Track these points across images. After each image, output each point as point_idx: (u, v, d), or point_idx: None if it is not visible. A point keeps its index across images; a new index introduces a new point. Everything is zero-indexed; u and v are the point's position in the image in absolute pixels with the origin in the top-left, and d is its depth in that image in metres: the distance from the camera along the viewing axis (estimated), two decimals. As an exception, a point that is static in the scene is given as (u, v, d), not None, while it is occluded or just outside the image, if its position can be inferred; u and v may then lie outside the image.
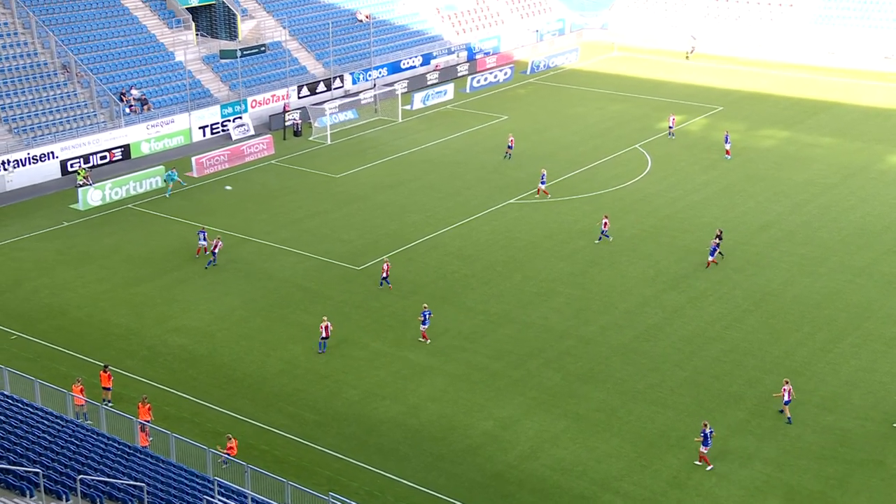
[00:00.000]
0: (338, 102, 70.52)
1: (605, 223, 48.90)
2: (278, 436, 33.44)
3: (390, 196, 56.44)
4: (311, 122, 69.09)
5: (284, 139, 67.24)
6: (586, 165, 61.21)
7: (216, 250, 46.51)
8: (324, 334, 38.71)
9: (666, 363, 37.87)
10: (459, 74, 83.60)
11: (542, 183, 55.19)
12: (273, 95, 71.87)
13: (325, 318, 39.26)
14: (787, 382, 34.04)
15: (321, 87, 75.06)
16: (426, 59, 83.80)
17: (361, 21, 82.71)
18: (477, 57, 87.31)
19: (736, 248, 48.36)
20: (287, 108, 70.18)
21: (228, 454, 29.95)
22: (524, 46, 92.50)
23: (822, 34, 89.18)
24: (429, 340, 39.35)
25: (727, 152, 61.78)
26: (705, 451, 31.54)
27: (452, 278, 45.42)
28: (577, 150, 64.46)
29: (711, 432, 31.60)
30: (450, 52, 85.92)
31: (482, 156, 63.21)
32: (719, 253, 46.22)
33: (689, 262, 46.49)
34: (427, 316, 39.44)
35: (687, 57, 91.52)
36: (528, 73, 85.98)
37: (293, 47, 77.27)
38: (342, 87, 76.56)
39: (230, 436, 31.23)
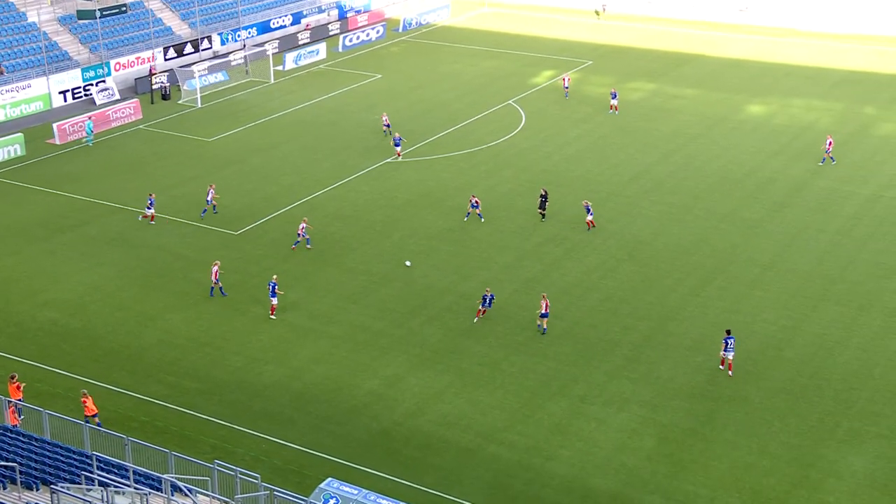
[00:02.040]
0: (207, 64, 68.60)
1: (476, 201, 47.23)
2: (159, 406, 32.80)
3: (265, 159, 55.51)
4: (179, 85, 67.05)
5: (152, 103, 65.07)
6: (461, 122, 61.57)
7: (303, 233, 43.70)
8: (213, 278, 39.34)
9: (545, 314, 38.81)
10: (331, 33, 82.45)
11: (397, 146, 54.47)
12: (138, 58, 69.30)
13: (217, 262, 39.84)
14: (544, 297, 37.43)
15: (188, 48, 72.79)
16: (296, 18, 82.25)
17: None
18: (348, 15, 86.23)
19: (609, 199, 49.72)
20: (153, 71, 67.81)
21: (88, 416, 29.27)
22: (395, 4, 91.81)
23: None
24: (274, 316, 38.20)
25: (614, 108, 62.93)
26: (482, 310, 37.76)
27: (332, 240, 45.19)
28: (452, 107, 64.72)
29: (493, 297, 37.85)
30: (320, 11, 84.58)
31: (357, 115, 62.75)
32: (542, 212, 46.61)
33: (566, 214, 47.53)
34: (273, 288, 38.05)
35: (597, 14, 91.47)
36: (400, 30, 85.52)
37: (156, 7, 74.51)
38: (210, 48, 74.45)
39: (85, 391, 30.52)
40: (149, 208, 46.27)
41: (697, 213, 48.18)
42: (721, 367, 34.88)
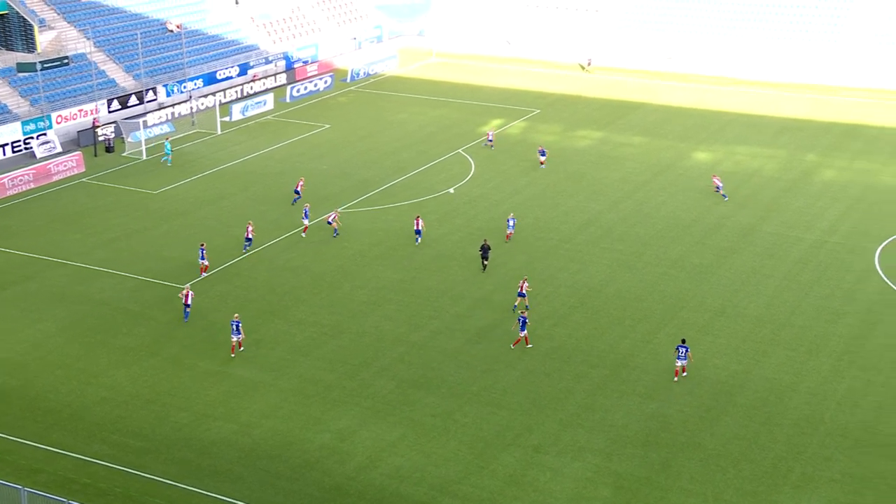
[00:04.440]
0: (152, 116, 67.89)
1: (420, 224, 49.67)
2: (102, 467, 31.69)
3: (212, 210, 54.82)
4: (123, 137, 66.20)
5: (96, 156, 64.11)
6: (411, 172, 61.58)
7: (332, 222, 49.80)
8: (185, 301, 40.22)
9: (498, 364, 38.50)
10: (279, 84, 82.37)
11: (306, 218, 51.34)
12: (80, 110, 68.37)
13: (188, 286, 40.95)
14: (525, 280, 41.81)
15: (133, 100, 72.08)
16: (243, 69, 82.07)
17: (172, 31, 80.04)
18: (296, 66, 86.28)
19: (559, 246, 49.86)
20: (97, 123, 66.93)
21: None
22: (343, 54, 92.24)
23: (626, 38, 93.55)
24: (242, 348, 38.96)
25: (542, 163, 62.87)
26: (522, 335, 39.13)
27: (281, 291, 44.56)
28: (401, 156, 64.77)
29: (526, 320, 39.02)
30: (267, 62, 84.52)
31: (306, 165, 62.46)
32: (485, 263, 46.52)
33: (516, 262, 47.52)
34: (237, 326, 38.43)
35: (583, 68, 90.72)
36: (348, 80, 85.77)
37: (99, 59, 73.82)
38: (155, 99, 73.81)
39: None
40: (202, 259, 45.44)
41: (647, 260, 48.49)
42: (675, 378, 36.80)
